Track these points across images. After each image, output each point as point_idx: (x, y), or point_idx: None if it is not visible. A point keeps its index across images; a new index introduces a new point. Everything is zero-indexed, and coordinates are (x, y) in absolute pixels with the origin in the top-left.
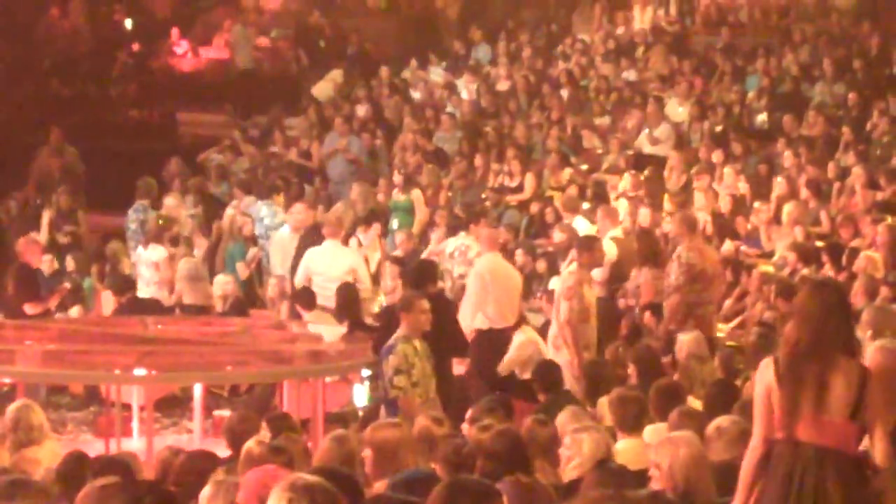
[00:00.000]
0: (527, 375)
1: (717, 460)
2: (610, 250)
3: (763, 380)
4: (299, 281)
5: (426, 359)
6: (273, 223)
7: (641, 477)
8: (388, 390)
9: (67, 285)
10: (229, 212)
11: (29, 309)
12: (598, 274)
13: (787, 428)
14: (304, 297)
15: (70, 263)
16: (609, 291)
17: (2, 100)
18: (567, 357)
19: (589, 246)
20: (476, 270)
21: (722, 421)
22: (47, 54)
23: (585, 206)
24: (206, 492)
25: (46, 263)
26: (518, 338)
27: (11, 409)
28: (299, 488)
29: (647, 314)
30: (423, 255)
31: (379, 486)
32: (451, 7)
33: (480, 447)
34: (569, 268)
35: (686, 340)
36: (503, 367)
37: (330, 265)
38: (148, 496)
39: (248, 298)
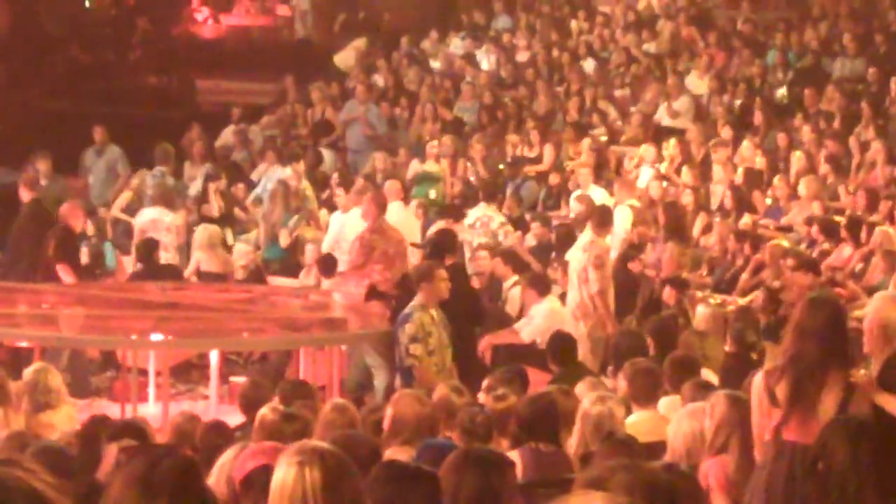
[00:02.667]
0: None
1: None
2: (626, 218)
3: (755, 392)
4: (327, 246)
5: (443, 327)
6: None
7: (656, 449)
8: (404, 358)
9: None
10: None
11: (62, 273)
12: (615, 241)
13: (775, 432)
14: (325, 264)
15: (90, 228)
16: (623, 260)
17: (20, 67)
18: (585, 329)
19: (604, 216)
20: None
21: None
22: (59, 20)
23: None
24: (225, 456)
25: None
26: (545, 306)
27: (29, 371)
28: (308, 451)
29: (668, 288)
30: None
31: (392, 452)
32: None
33: (510, 412)
34: (587, 238)
35: (702, 314)
36: (527, 335)
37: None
38: (166, 459)
39: (291, 264)
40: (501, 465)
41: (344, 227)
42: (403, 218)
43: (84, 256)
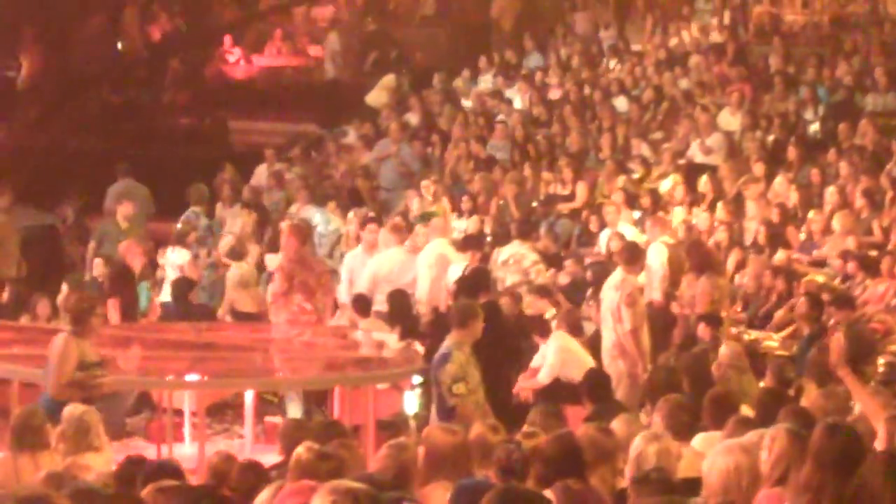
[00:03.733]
0: (568, 376)
1: None
2: (661, 255)
3: None
4: (364, 287)
5: (475, 366)
6: (326, 230)
7: (691, 485)
8: (447, 398)
9: None
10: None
11: (111, 308)
12: (641, 280)
13: None
14: (360, 304)
15: None
16: (663, 298)
17: (51, 108)
18: (622, 367)
19: (634, 253)
20: None
21: (753, 436)
22: (92, 62)
23: (636, 214)
24: (262, 496)
25: (98, 268)
26: (553, 344)
27: (71, 412)
28: (342, 492)
29: (702, 325)
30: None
31: (429, 490)
32: (505, 16)
33: (536, 452)
34: (619, 276)
35: (725, 352)
36: (544, 376)
37: (399, 273)
38: (204, 499)
39: None
40: (541, 502)
41: (381, 265)
42: (448, 253)
43: None
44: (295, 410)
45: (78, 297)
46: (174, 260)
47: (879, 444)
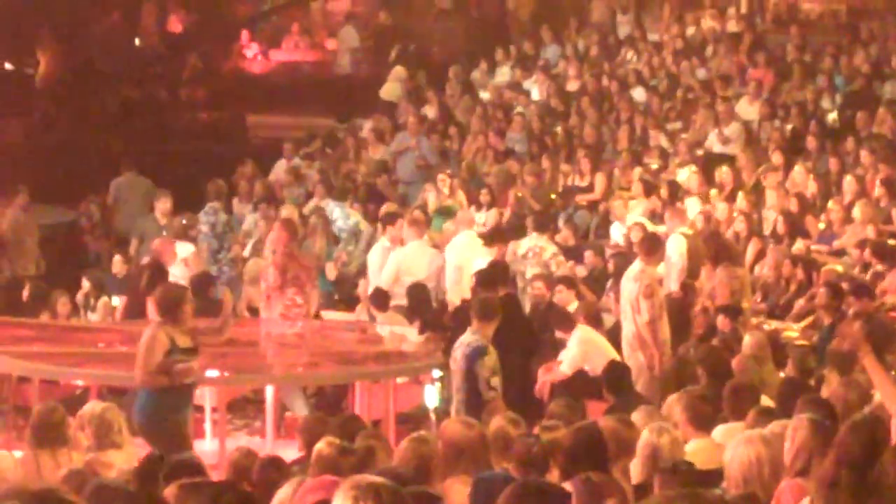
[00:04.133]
0: (591, 368)
1: None
2: (680, 246)
3: None
4: (387, 282)
5: None
6: (345, 225)
7: (712, 476)
8: (484, 391)
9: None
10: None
11: (150, 307)
12: (660, 271)
13: None
14: (379, 299)
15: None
16: (682, 289)
17: (70, 105)
18: (641, 359)
19: (653, 244)
20: None
21: (775, 426)
22: (110, 58)
23: (651, 205)
24: (283, 491)
25: (118, 264)
26: (577, 335)
27: (94, 409)
28: (364, 487)
29: (722, 317)
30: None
31: (449, 484)
32: (523, 8)
33: (557, 445)
34: (637, 267)
35: (749, 342)
36: (566, 366)
37: (421, 266)
38: (226, 494)
39: (339, 298)
40: (559, 496)
41: (404, 259)
42: (475, 246)
43: None
44: (301, 407)
45: (166, 287)
46: (179, 253)
47: (893, 436)
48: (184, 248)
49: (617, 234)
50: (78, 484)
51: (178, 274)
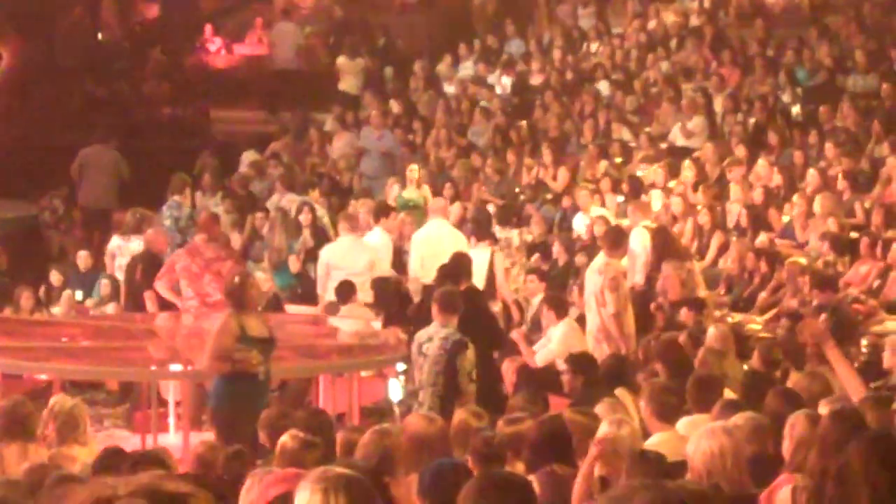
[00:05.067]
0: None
1: None
2: (644, 240)
3: None
4: (319, 276)
5: None
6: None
7: (677, 468)
8: (464, 384)
9: None
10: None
11: (148, 300)
12: (624, 264)
13: None
14: (342, 291)
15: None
16: (646, 282)
17: (32, 99)
18: (605, 351)
19: (617, 237)
20: None
21: (737, 418)
22: (73, 53)
23: (619, 199)
24: (246, 485)
25: (83, 259)
26: (561, 329)
27: (60, 404)
28: (331, 479)
29: (685, 310)
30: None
31: (413, 478)
32: (487, 1)
33: (522, 437)
34: (601, 260)
35: (713, 334)
36: (541, 358)
37: (351, 260)
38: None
39: (303, 291)
40: (522, 488)
41: (334, 254)
42: (449, 233)
43: (106, 288)
44: None
45: (230, 275)
46: (133, 249)
47: None
48: (136, 243)
49: (580, 224)
50: (39, 477)
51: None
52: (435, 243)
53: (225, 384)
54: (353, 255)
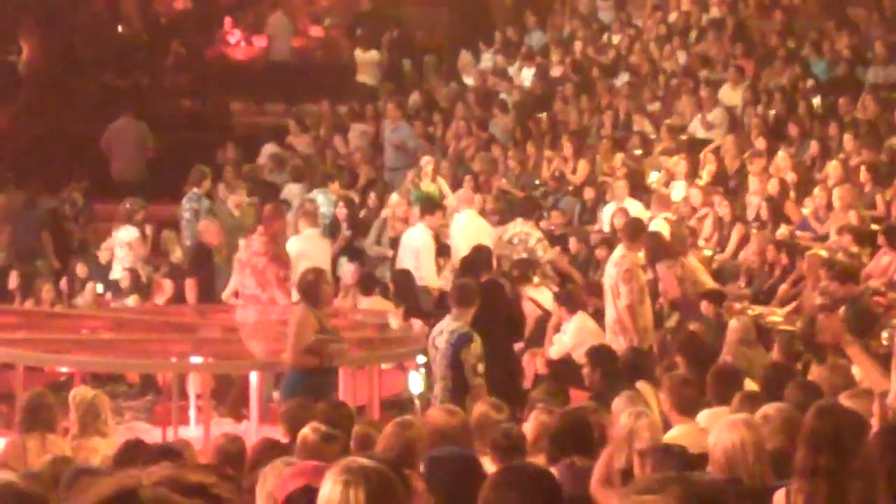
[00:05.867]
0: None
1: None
2: (663, 232)
3: None
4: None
5: None
6: (328, 211)
7: (698, 461)
8: (471, 378)
9: None
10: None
11: (188, 288)
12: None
13: None
14: (364, 284)
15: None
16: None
17: (53, 92)
18: (622, 344)
19: (636, 229)
20: None
21: (768, 409)
22: (93, 46)
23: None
24: (262, 478)
25: (104, 253)
26: (574, 323)
27: (83, 395)
28: (354, 471)
29: (705, 303)
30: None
31: None
32: None
33: (544, 429)
34: (619, 252)
35: (735, 326)
36: (555, 352)
37: (316, 253)
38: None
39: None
40: (546, 481)
41: (303, 247)
42: (478, 224)
43: (125, 281)
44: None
45: (305, 270)
46: (122, 238)
47: (874, 421)
48: (127, 233)
49: (608, 215)
50: (61, 469)
51: (121, 257)
52: (474, 234)
53: (304, 378)
54: (319, 248)
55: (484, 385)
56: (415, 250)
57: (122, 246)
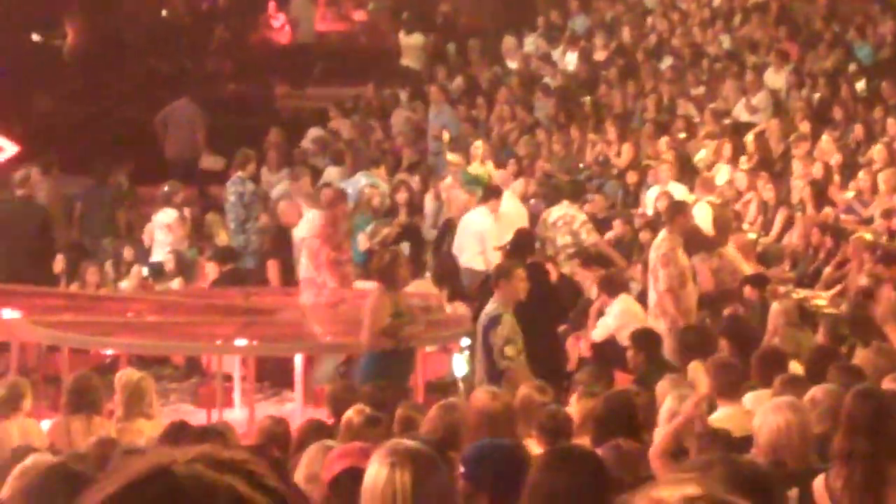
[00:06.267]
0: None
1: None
2: (706, 215)
3: (818, 495)
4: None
5: (517, 328)
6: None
7: (743, 444)
8: (498, 361)
9: None
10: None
11: (270, 269)
12: None
13: None
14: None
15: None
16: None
17: (97, 76)
18: (664, 327)
19: (678, 211)
20: None
21: (817, 392)
22: (137, 30)
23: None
24: (304, 456)
25: (146, 236)
26: (617, 307)
27: (128, 378)
28: (400, 452)
29: (748, 287)
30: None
31: None
32: None
33: (590, 412)
34: (662, 235)
35: (778, 308)
36: (598, 335)
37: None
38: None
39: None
40: (594, 462)
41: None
42: (513, 206)
43: (170, 263)
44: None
45: (380, 252)
46: (161, 220)
47: None
48: (166, 216)
49: (651, 198)
50: (107, 451)
51: (161, 240)
52: (514, 216)
53: (382, 359)
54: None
55: (513, 367)
56: (478, 234)
57: (162, 228)
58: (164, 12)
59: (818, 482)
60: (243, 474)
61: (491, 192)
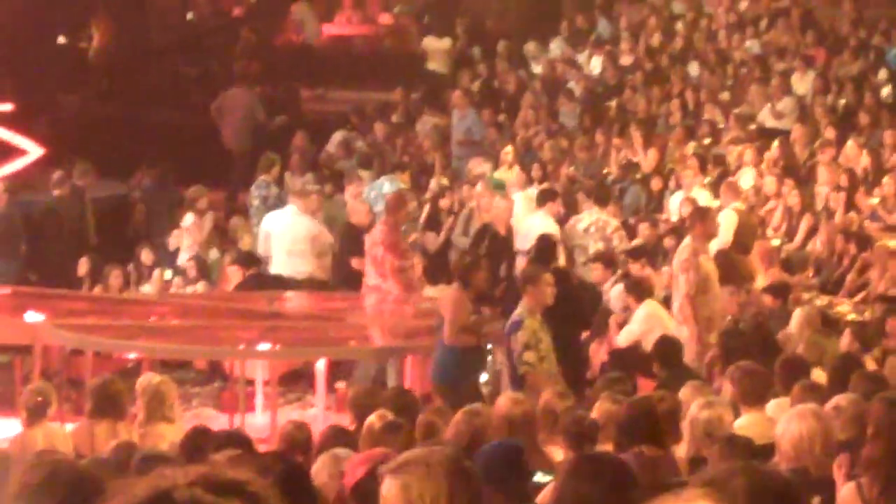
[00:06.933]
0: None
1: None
2: (731, 221)
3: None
4: (260, 245)
5: (546, 333)
6: None
7: (766, 451)
8: (518, 366)
9: None
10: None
11: (356, 264)
12: (714, 245)
13: None
14: (430, 272)
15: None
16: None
17: (124, 79)
18: (686, 333)
19: (702, 217)
20: None
21: (840, 399)
22: (164, 32)
23: (707, 179)
24: (316, 464)
25: (174, 239)
26: (642, 311)
27: (149, 382)
28: (433, 463)
29: (769, 297)
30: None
31: None
32: None
33: (612, 418)
34: (685, 242)
35: (801, 315)
36: (623, 339)
37: (291, 230)
38: (277, 465)
39: None
40: (621, 470)
41: (272, 224)
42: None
43: (192, 269)
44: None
45: (461, 255)
46: (184, 224)
47: None
48: (189, 219)
49: (675, 204)
50: (127, 455)
51: (187, 245)
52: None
53: (460, 355)
54: (295, 225)
55: (532, 373)
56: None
57: (185, 232)
58: (189, 15)
59: (848, 491)
60: (244, 497)
61: (547, 196)
